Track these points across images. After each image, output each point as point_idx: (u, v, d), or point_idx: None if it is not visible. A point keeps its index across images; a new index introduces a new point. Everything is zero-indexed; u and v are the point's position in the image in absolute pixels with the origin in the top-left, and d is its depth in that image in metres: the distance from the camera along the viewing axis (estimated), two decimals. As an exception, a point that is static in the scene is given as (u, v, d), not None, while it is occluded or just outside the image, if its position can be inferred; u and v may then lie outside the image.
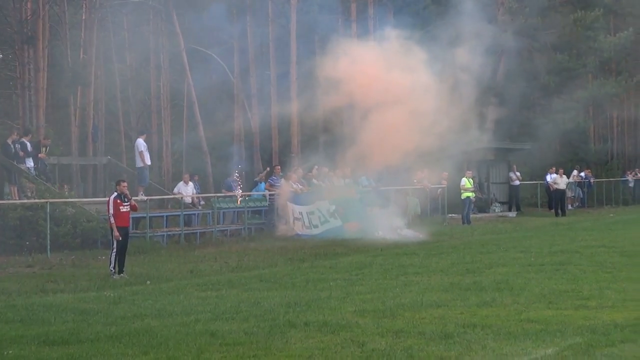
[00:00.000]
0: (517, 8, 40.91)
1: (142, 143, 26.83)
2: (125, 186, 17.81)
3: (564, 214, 36.42)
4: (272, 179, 28.42)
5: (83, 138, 34.18)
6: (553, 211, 37.10)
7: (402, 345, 9.81)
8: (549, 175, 38.63)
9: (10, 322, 11.95)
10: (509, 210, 37.26)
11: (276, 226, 26.71)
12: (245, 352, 9.64)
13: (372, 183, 29.13)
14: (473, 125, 29.81)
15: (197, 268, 18.52)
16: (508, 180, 38.03)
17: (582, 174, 42.87)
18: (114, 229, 17.35)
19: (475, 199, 32.91)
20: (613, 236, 24.47)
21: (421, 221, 29.01)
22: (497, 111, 38.89)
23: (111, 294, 14.58)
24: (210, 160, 36.32)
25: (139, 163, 26.65)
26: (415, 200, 31.05)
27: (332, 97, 24.92)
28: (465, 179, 31.24)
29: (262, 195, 28.42)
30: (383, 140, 24.46)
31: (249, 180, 33.53)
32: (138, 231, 23.67)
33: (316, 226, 26.10)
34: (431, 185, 31.79)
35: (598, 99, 46.41)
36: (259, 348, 9.85)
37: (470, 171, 31.85)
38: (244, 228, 26.53)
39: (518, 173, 38.19)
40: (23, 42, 31.51)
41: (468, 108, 27.62)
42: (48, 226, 21.19)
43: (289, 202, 26.63)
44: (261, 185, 29.59)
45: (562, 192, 37.61)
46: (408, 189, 30.79)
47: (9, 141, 24.44)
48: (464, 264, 17.80)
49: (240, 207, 27.36)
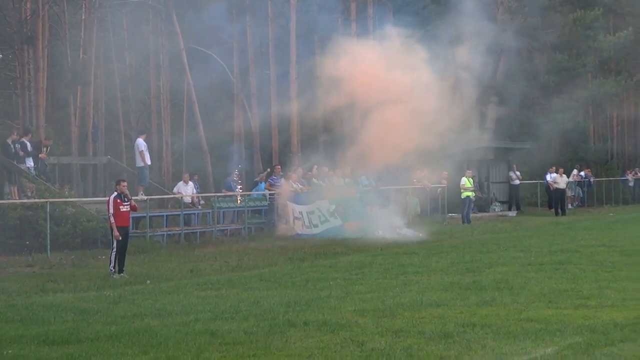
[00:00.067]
0: (517, 7, 40.90)
1: (142, 143, 26.83)
2: (125, 186, 17.81)
3: (564, 214, 36.41)
4: (272, 179, 28.41)
5: (83, 138, 34.19)
6: (553, 210, 37.08)
7: (402, 344, 9.81)
8: (549, 174, 38.62)
9: (10, 322, 11.95)
10: (509, 209, 37.23)
11: (276, 226, 26.69)
12: (244, 352, 9.64)
13: (372, 182, 29.11)
14: (473, 124, 29.80)
15: (197, 267, 18.52)
16: (508, 179, 38.01)
17: (582, 174, 42.86)
18: (114, 229, 17.35)
19: (475, 199, 32.91)
20: (613, 235, 24.46)
21: (421, 220, 29.00)
22: (497, 110, 38.94)
23: (111, 294, 14.58)
24: (210, 159, 36.33)
25: (139, 163, 26.66)
26: (415, 199, 31.04)
27: (333, 96, 24.90)
28: (465, 179, 31.22)
29: (262, 194, 28.42)
30: (383, 139, 24.44)
31: (249, 180, 33.54)
32: (138, 231, 23.68)
33: (316, 226, 26.10)
34: (431, 184, 31.77)
35: (598, 99, 46.41)
36: (259, 347, 9.85)
37: (470, 170, 31.83)
38: (244, 227, 26.52)
39: (518, 172, 38.16)
40: (23, 42, 31.52)
41: (468, 107, 27.62)
42: (48, 226, 21.18)
43: (289, 202, 26.62)
44: (261, 185, 29.59)
45: (562, 192, 37.60)
46: (408, 189, 30.77)
47: (9, 141, 24.44)
48: (464, 264, 17.80)
49: (240, 207, 27.37)
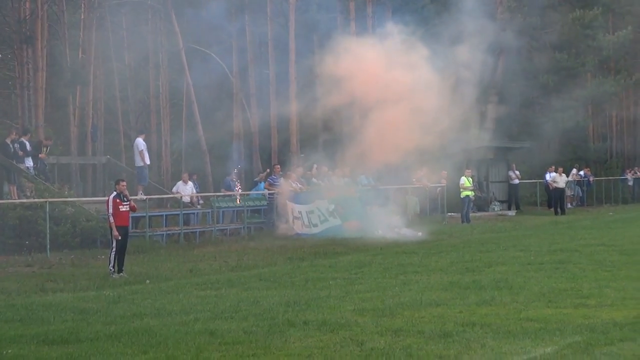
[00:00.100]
0: (516, 7, 40.90)
1: (142, 142, 26.82)
2: (124, 185, 17.80)
3: (563, 213, 36.41)
4: (272, 178, 28.40)
5: (82, 137, 34.22)
6: (552, 210, 37.08)
7: (401, 344, 9.81)
8: (548, 173, 38.63)
9: (9, 322, 11.94)
10: (509, 209, 37.23)
11: (276, 225, 26.68)
12: (244, 351, 9.63)
13: (372, 182, 29.11)
14: (473, 124, 29.77)
15: (197, 267, 18.52)
16: (507, 179, 38.01)
17: (582, 173, 42.86)
18: (114, 228, 17.34)
19: (474, 198, 32.92)
20: (612, 235, 24.47)
21: (420, 220, 29.01)
22: (497, 110, 38.95)
23: (110, 293, 14.58)
24: (209, 159, 36.33)
25: (139, 162, 26.65)
26: (414, 199, 31.05)
27: (333, 95, 24.88)
28: (464, 178, 31.21)
29: (262, 194, 28.41)
30: (383, 138, 24.42)
31: (249, 179, 33.54)
32: (137, 230, 23.68)
33: (316, 225, 26.08)
34: (430, 184, 31.77)
35: (597, 98, 46.40)
36: (258, 347, 9.84)
37: (469, 170, 31.82)
38: (244, 227, 26.51)
39: (517, 172, 38.16)
40: (22, 42, 31.54)
41: (469, 106, 27.61)
42: (47, 225, 21.17)
43: (289, 201, 26.61)
44: (261, 185, 29.59)
45: (562, 191, 37.61)
46: (407, 188, 30.78)
47: (8, 141, 24.44)
48: (463, 263, 17.80)
49: (239, 207, 27.37)
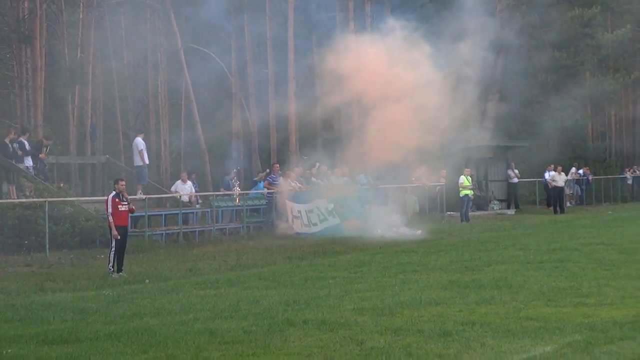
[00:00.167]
0: (515, 5, 40.90)
1: (141, 142, 26.82)
2: (123, 185, 17.77)
3: (563, 212, 36.41)
4: (271, 177, 28.39)
5: (81, 137, 34.21)
6: (552, 209, 37.07)
7: (401, 343, 9.80)
8: (548, 172, 38.63)
9: (9, 321, 11.93)
10: (508, 207, 37.25)
11: (275, 224, 26.67)
12: (244, 351, 9.63)
13: (371, 181, 29.11)
14: (473, 122, 29.76)
15: (196, 267, 18.50)
16: (507, 177, 38.01)
17: (581, 172, 42.86)
18: (113, 228, 17.32)
19: (473, 197, 32.92)
20: (611, 233, 24.46)
21: (420, 219, 28.99)
22: (496, 109, 38.95)
23: (110, 293, 14.57)
24: (208, 158, 36.32)
25: (138, 162, 26.64)
26: (413, 198, 31.03)
27: (334, 93, 24.85)
28: (463, 177, 31.22)
29: (261, 193, 28.40)
30: (385, 137, 24.41)
31: (248, 179, 33.53)
32: (137, 230, 23.66)
33: (315, 224, 26.08)
34: (430, 183, 31.76)
35: (596, 97, 46.41)
36: (258, 346, 9.84)
37: (468, 169, 31.84)
38: (243, 226, 26.51)
39: (516, 170, 38.16)
40: (20, 41, 31.51)
41: (470, 105, 27.60)
42: (47, 225, 21.15)
43: (288, 201, 26.59)
44: (260, 184, 29.58)
45: (561, 190, 37.61)
46: (407, 187, 30.78)
47: (7, 140, 24.42)
48: (463, 262, 17.79)
49: (238, 206, 27.35)
